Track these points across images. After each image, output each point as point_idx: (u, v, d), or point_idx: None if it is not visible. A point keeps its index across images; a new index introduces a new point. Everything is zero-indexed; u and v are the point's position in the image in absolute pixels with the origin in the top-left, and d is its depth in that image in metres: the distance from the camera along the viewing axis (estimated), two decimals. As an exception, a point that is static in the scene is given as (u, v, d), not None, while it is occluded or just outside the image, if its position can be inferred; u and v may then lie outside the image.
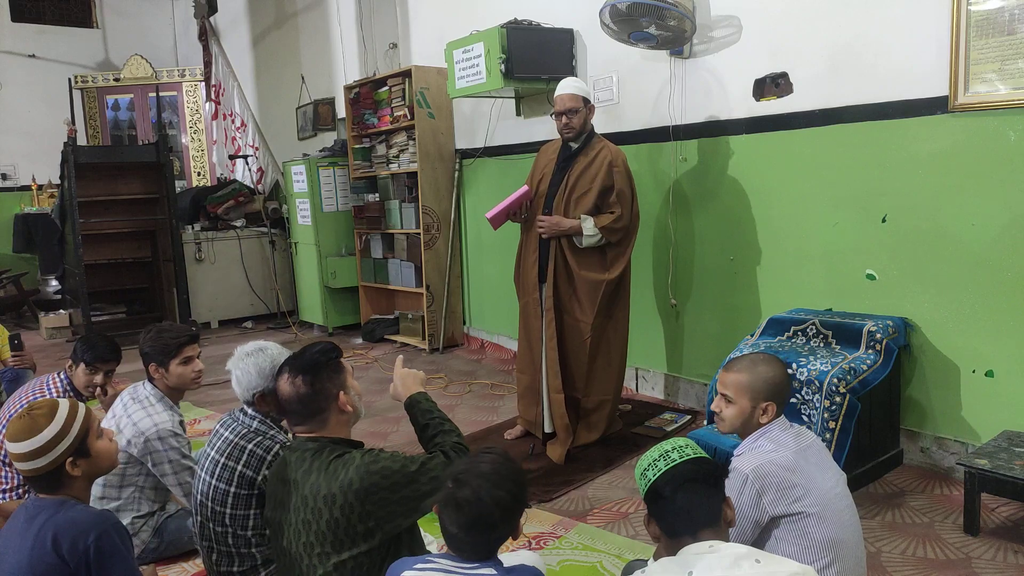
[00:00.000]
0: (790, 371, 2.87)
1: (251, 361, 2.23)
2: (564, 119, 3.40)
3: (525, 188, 3.49)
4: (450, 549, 1.56)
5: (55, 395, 2.96)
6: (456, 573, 1.52)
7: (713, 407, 2.07)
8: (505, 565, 1.54)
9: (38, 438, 1.72)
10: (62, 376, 3.05)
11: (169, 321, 2.84)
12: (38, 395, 2.95)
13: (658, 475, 1.52)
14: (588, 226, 3.36)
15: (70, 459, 1.76)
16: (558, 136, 3.57)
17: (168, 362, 2.70)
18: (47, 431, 1.73)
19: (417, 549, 1.92)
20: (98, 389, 3.06)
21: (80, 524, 1.72)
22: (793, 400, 2.92)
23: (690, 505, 1.48)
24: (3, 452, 2.89)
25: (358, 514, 1.77)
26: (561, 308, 3.48)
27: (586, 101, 3.42)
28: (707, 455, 1.56)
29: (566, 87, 3.43)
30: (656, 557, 1.64)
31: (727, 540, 1.48)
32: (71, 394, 3.02)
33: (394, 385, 2.16)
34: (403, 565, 1.60)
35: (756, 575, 1.36)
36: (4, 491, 2.89)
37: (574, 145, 3.48)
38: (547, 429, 3.62)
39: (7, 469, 2.91)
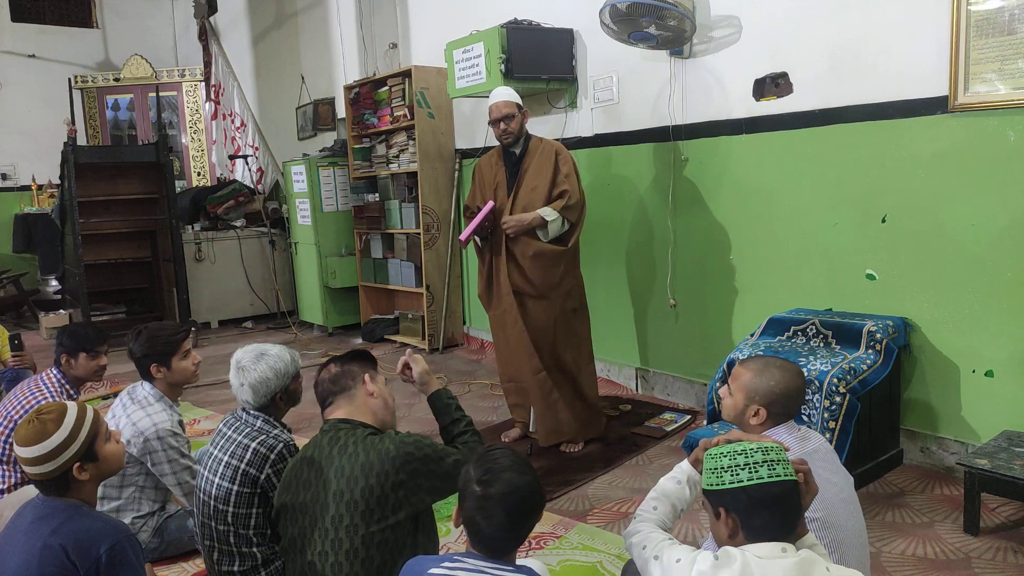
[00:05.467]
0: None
1: (265, 365, 2.26)
2: (502, 125, 3.52)
3: (491, 203, 3.55)
4: (483, 550, 1.56)
5: (52, 392, 2.98)
6: (489, 573, 1.51)
7: (720, 392, 2.08)
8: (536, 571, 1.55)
9: (46, 443, 1.72)
10: (55, 372, 3.06)
11: (155, 322, 2.86)
12: (36, 394, 2.96)
13: (760, 482, 1.44)
14: (547, 211, 3.46)
15: (77, 464, 1.76)
16: (498, 146, 3.66)
17: (171, 360, 2.73)
18: (55, 436, 1.73)
19: (433, 535, 2.00)
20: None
21: (94, 532, 1.72)
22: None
23: (783, 515, 1.46)
24: (1, 450, 2.90)
25: (392, 483, 1.86)
26: (526, 293, 3.53)
27: (519, 107, 3.56)
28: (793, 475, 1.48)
29: (500, 95, 3.56)
30: (697, 464, 1.71)
31: (795, 545, 1.45)
32: (67, 387, 3.04)
33: (419, 374, 2.25)
34: (424, 563, 1.58)
35: None
36: (3, 490, 2.89)
37: (517, 150, 3.59)
38: (531, 428, 3.64)
39: (4, 467, 2.91)
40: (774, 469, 1.44)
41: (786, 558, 1.38)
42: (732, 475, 1.45)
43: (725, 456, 1.48)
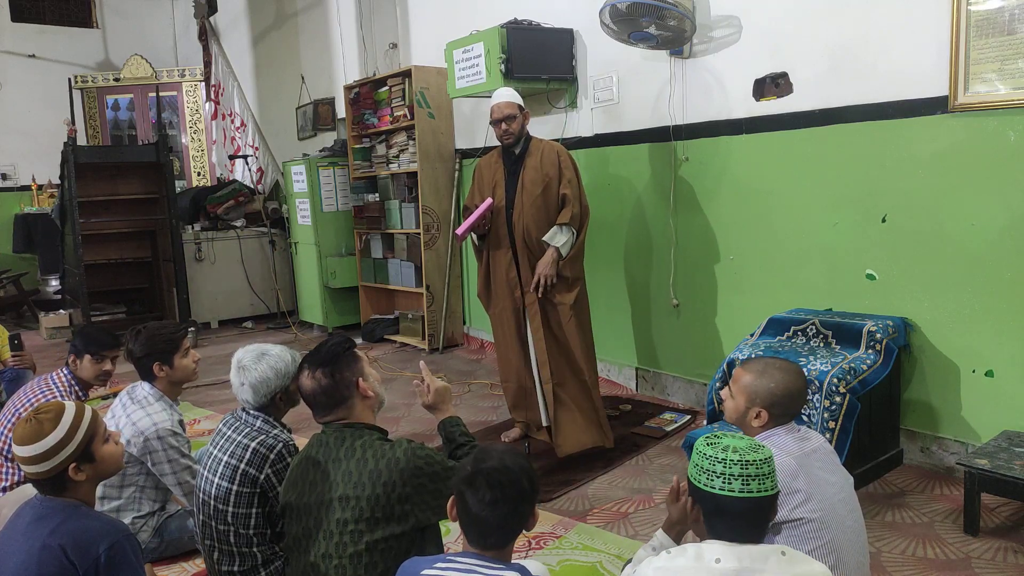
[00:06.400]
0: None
1: (266, 364, 2.26)
2: (503, 126, 3.54)
3: (489, 200, 3.55)
4: (473, 539, 1.55)
5: (60, 392, 3.00)
6: (481, 572, 1.50)
7: (722, 394, 2.09)
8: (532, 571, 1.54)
9: (42, 443, 1.72)
10: (65, 372, 3.08)
11: (153, 322, 2.88)
12: (45, 392, 2.98)
13: (731, 495, 1.48)
14: (556, 239, 3.45)
15: (74, 464, 1.76)
16: (498, 146, 3.65)
17: (172, 358, 2.74)
18: (51, 436, 1.73)
19: (440, 548, 1.98)
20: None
21: (93, 532, 1.72)
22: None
23: (747, 525, 1.51)
24: (7, 447, 2.90)
25: (398, 494, 1.85)
26: (544, 298, 3.52)
27: (521, 108, 3.57)
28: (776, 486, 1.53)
29: (501, 96, 3.58)
30: (670, 530, 1.83)
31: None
32: (76, 388, 3.06)
33: (434, 395, 2.23)
34: (419, 564, 1.57)
35: (781, 570, 1.42)
36: (3, 488, 2.89)
37: (517, 150, 3.60)
38: (544, 423, 3.63)
39: (8, 464, 2.92)
40: (748, 485, 1.47)
41: (743, 546, 1.46)
42: (708, 478, 1.51)
43: (707, 459, 1.52)
